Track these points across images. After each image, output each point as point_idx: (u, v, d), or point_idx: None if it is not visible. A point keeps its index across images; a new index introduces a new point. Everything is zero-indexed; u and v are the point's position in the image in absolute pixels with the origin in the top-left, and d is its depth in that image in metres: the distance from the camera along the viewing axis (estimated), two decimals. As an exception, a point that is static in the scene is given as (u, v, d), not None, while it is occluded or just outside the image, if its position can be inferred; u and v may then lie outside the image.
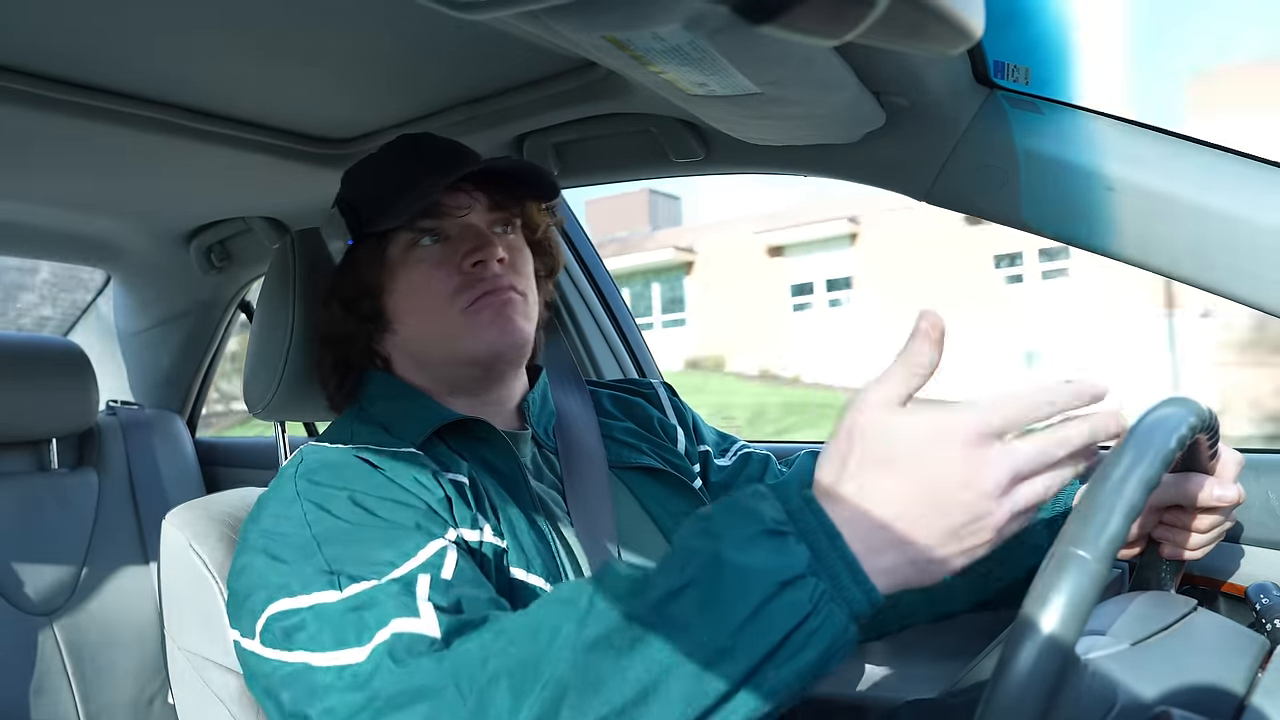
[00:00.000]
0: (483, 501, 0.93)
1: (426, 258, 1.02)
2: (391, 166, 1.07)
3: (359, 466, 0.90)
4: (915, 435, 0.61)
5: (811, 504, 0.62)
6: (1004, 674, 0.56)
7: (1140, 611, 0.77)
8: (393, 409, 1.03)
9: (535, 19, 0.63)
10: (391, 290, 1.04)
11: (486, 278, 1.00)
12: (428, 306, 1.01)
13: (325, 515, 0.84)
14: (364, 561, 0.79)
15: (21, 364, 1.77)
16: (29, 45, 1.04)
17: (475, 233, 1.02)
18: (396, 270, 1.03)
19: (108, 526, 1.84)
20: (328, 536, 0.82)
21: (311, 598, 0.77)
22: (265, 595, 0.81)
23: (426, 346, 1.04)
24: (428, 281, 1.01)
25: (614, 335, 1.84)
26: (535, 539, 0.93)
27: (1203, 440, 0.80)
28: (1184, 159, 0.94)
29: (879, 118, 1.03)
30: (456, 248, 1.01)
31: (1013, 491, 0.60)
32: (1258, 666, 0.72)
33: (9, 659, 1.62)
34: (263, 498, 0.92)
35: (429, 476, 0.90)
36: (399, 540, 0.81)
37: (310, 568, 0.79)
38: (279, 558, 0.82)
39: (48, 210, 1.70)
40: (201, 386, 2.25)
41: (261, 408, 1.16)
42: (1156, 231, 0.94)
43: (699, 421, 1.25)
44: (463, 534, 0.88)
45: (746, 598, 0.59)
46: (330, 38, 1.06)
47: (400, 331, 1.05)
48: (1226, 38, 7.26)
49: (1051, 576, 0.56)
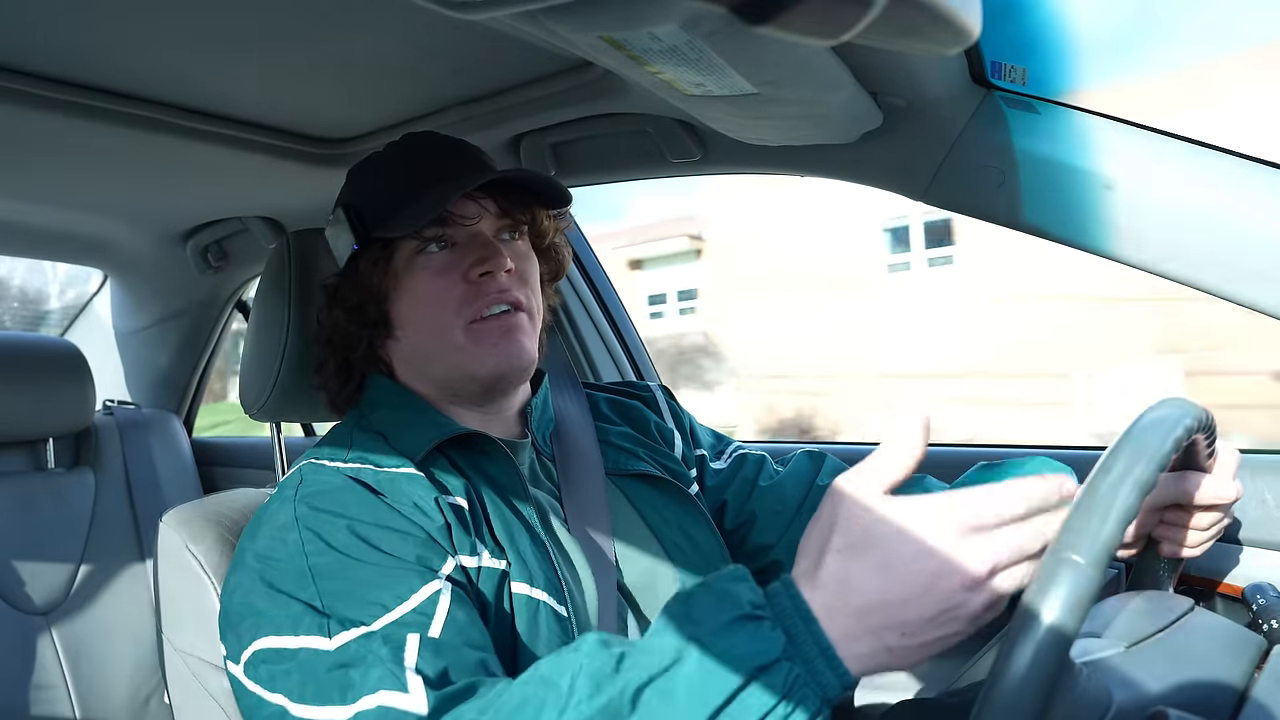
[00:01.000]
0: (480, 524, 0.92)
1: (432, 265, 1.00)
2: (399, 170, 1.05)
3: (359, 493, 0.89)
4: (896, 524, 0.61)
5: (790, 589, 0.63)
6: (999, 679, 0.56)
7: (1137, 612, 0.77)
8: (393, 418, 1.01)
9: (532, 19, 0.63)
10: (396, 297, 1.02)
11: (492, 290, 0.99)
12: (431, 317, 1.00)
13: (322, 546, 0.83)
14: (357, 602, 0.78)
15: (18, 363, 1.76)
16: (27, 45, 1.04)
17: (483, 242, 1.00)
18: (401, 277, 1.01)
19: (104, 526, 1.84)
20: (323, 570, 0.81)
21: (300, 640, 0.77)
22: (254, 625, 0.81)
23: (428, 357, 1.02)
24: (432, 291, 1.00)
25: (612, 338, 1.84)
26: (537, 553, 0.92)
27: (1200, 440, 0.80)
28: (1181, 159, 0.94)
29: (876, 118, 1.02)
30: (464, 256, 1.00)
31: (989, 582, 0.60)
32: (1254, 666, 0.72)
33: (6, 658, 1.61)
34: (261, 514, 0.91)
35: (430, 502, 0.90)
36: (395, 579, 0.80)
37: (302, 603, 0.79)
38: (273, 585, 0.82)
39: (45, 209, 1.70)
40: (198, 386, 2.25)
41: (257, 408, 1.16)
42: (1154, 231, 0.94)
43: (695, 424, 1.25)
44: (462, 561, 0.88)
45: (722, 683, 0.60)
46: (327, 38, 1.05)
47: (403, 339, 1.03)
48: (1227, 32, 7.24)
49: (1046, 581, 0.56)
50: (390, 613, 0.78)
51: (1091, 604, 0.56)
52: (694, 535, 1.06)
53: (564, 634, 0.89)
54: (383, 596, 0.79)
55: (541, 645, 0.87)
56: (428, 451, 0.96)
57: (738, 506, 1.17)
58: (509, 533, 0.92)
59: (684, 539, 1.06)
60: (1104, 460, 0.62)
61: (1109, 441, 0.65)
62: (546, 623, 0.88)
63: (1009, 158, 1.00)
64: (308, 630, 0.77)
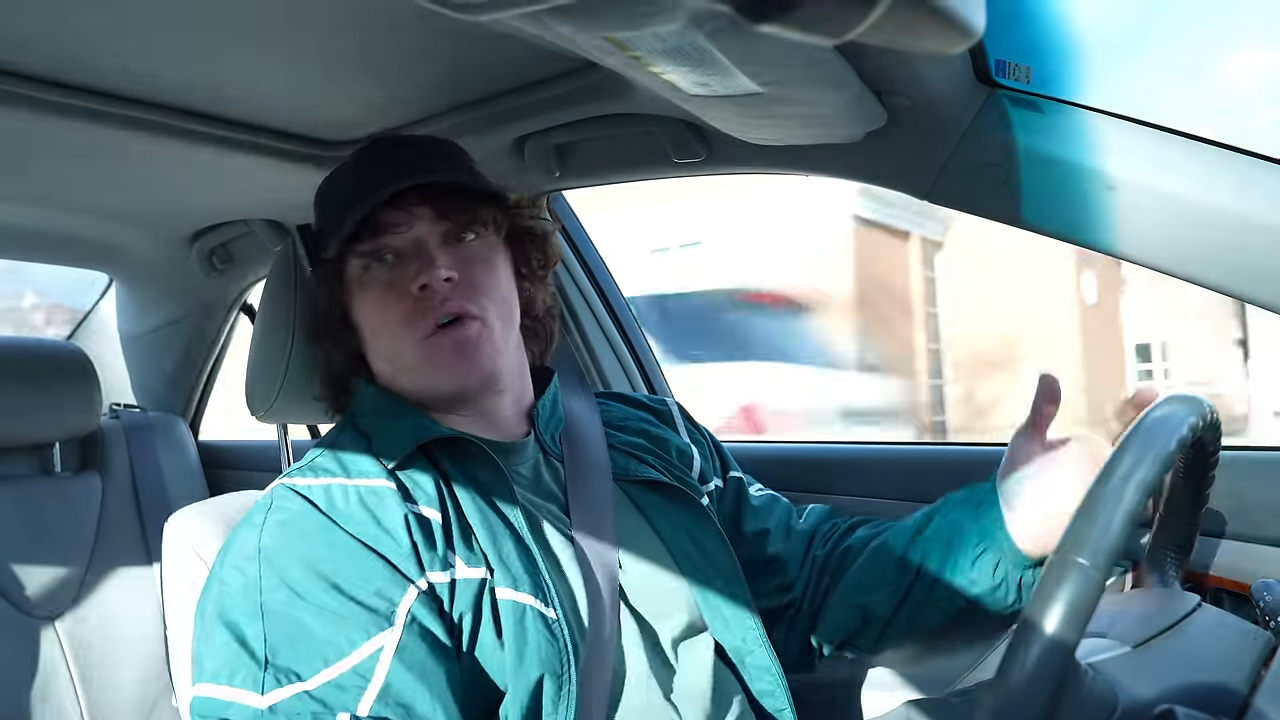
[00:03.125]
0: (455, 532, 0.92)
1: (377, 279, 1.00)
2: (343, 184, 1.05)
3: (319, 525, 0.88)
4: None
5: None
6: (1004, 680, 0.56)
7: (1143, 611, 0.77)
8: (376, 422, 1.01)
9: (536, 20, 0.63)
10: (357, 309, 1.03)
11: (435, 302, 0.97)
12: (386, 332, 1.00)
13: (277, 582, 0.84)
14: (299, 650, 0.80)
15: (24, 367, 1.77)
16: (30, 49, 1.04)
17: (418, 250, 0.99)
18: (354, 290, 1.02)
19: (111, 530, 1.84)
20: (272, 609, 0.82)
21: (233, 693, 0.79)
22: (197, 664, 0.84)
23: (395, 368, 1.02)
24: (380, 306, 1.00)
25: (619, 342, 1.83)
26: (521, 557, 0.92)
27: (1206, 439, 0.79)
28: (1186, 157, 0.94)
29: (881, 117, 1.02)
30: (406, 267, 0.99)
31: None
32: (1261, 664, 0.72)
33: (12, 663, 1.61)
34: (233, 537, 0.92)
35: (398, 520, 0.89)
36: (343, 626, 0.81)
37: (243, 645, 0.80)
38: (224, 615, 0.83)
39: (49, 213, 1.70)
40: (204, 389, 2.25)
41: (264, 410, 1.16)
42: (1158, 230, 0.94)
43: (720, 445, 1.25)
44: (431, 578, 0.88)
45: None
46: (331, 40, 1.06)
47: (370, 350, 1.04)
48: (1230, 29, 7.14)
49: (1051, 582, 0.56)
50: (329, 669, 0.79)
51: (1096, 604, 0.56)
52: (703, 543, 1.06)
53: (553, 637, 0.88)
54: (324, 649, 0.80)
55: (530, 649, 0.87)
56: (408, 455, 0.95)
57: (779, 538, 1.17)
58: (492, 536, 0.92)
59: (693, 546, 1.05)
60: (1109, 461, 0.62)
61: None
62: (534, 626, 0.88)
63: (1013, 156, 1.00)
64: (242, 682, 0.79)
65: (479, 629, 0.88)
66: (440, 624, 0.86)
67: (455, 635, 0.88)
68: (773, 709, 1.04)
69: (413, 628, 0.83)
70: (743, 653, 1.04)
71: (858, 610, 1.10)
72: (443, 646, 0.85)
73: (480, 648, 0.88)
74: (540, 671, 0.87)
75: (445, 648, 0.86)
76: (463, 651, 0.88)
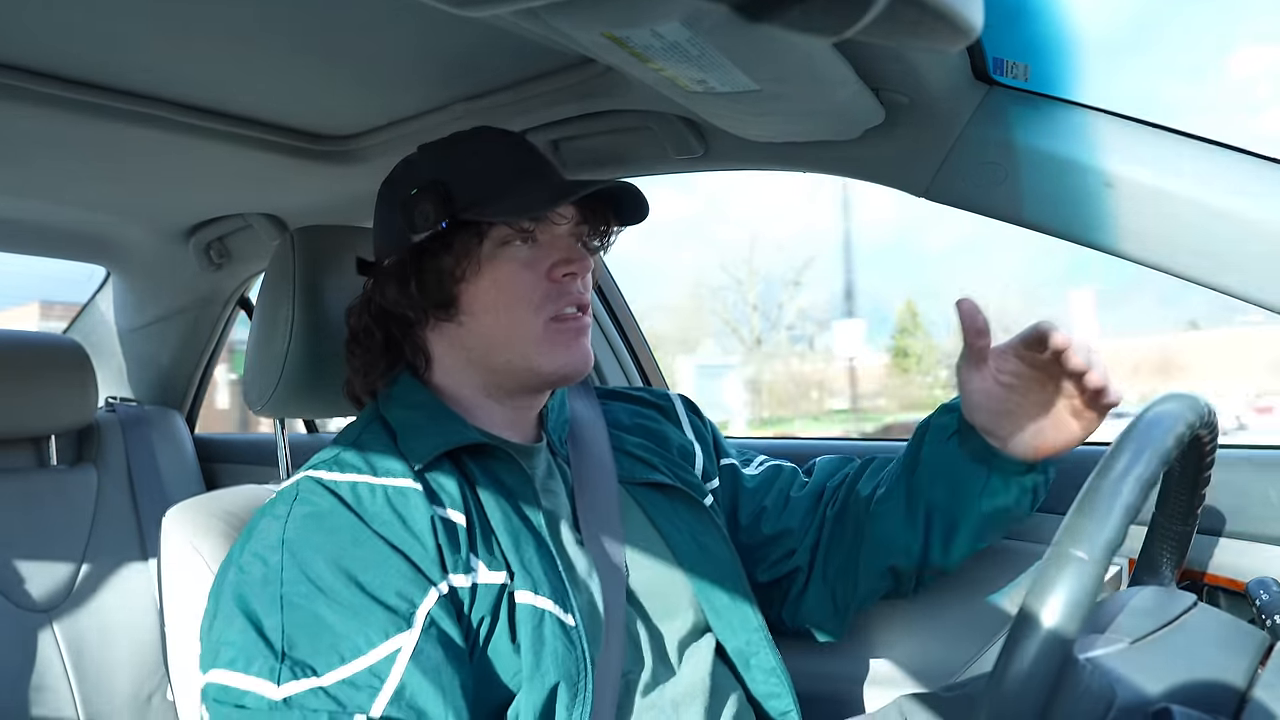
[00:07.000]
0: (475, 538, 0.92)
1: (519, 257, 0.99)
2: (500, 158, 1.03)
3: (348, 520, 0.88)
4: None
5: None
6: (1002, 675, 0.56)
7: (1140, 608, 0.77)
8: (408, 418, 0.99)
9: (535, 16, 0.63)
10: (473, 281, 1.00)
11: (573, 291, 1.00)
12: (509, 307, 0.99)
13: (299, 575, 0.83)
14: (317, 644, 0.79)
15: (21, 360, 1.77)
16: (29, 43, 1.04)
17: (568, 245, 1.01)
18: (484, 263, 0.99)
19: (107, 523, 1.84)
20: (293, 601, 0.82)
21: (249, 682, 0.78)
22: (212, 649, 0.83)
23: (494, 344, 1.00)
24: (514, 282, 0.99)
25: (618, 340, 1.83)
26: (543, 562, 0.92)
27: (1203, 435, 0.80)
28: (1183, 155, 0.94)
29: (878, 114, 1.02)
30: (547, 254, 1.00)
31: None
32: (1258, 662, 0.72)
33: (8, 656, 1.62)
34: (255, 523, 0.91)
35: (424, 521, 0.89)
36: (362, 623, 0.81)
37: (261, 634, 0.80)
38: (244, 602, 0.83)
39: (47, 206, 1.70)
40: (201, 383, 2.25)
41: (262, 405, 1.16)
42: (1156, 227, 0.94)
43: (718, 435, 1.25)
44: (453, 581, 0.88)
45: None
46: (330, 35, 1.05)
47: (467, 324, 1.00)
48: (1230, 28, 7.10)
49: (1050, 576, 0.57)
50: (344, 666, 0.79)
51: (1094, 598, 0.56)
52: (707, 544, 1.06)
53: (569, 642, 0.89)
54: (341, 646, 0.79)
55: (547, 653, 0.87)
56: (434, 458, 0.95)
57: (775, 515, 1.18)
58: (515, 541, 0.92)
59: (697, 548, 1.06)
60: (1107, 457, 0.62)
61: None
62: (552, 631, 0.88)
63: (1011, 154, 1.00)
64: (258, 671, 0.78)
65: (494, 632, 0.89)
66: (457, 628, 0.86)
67: (471, 638, 0.88)
68: (778, 711, 1.04)
69: (430, 631, 0.83)
70: (747, 654, 1.04)
71: (888, 573, 1.11)
72: (458, 651, 0.85)
73: (494, 650, 0.88)
74: (557, 679, 0.87)
75: (460, 653, 0.86)
76: (476, 653, 0.88)
